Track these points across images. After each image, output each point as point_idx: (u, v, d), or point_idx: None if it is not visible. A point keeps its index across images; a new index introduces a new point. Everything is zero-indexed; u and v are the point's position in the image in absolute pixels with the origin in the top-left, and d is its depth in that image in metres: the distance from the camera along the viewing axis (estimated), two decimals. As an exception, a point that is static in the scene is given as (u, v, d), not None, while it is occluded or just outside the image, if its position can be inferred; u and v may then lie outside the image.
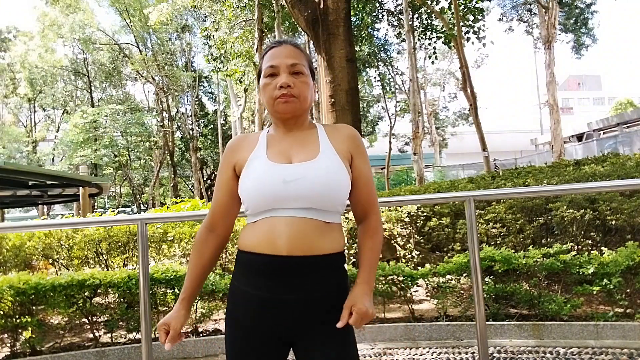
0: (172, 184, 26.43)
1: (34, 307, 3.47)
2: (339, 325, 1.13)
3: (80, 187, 10.66)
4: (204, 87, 30.30)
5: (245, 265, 1.22)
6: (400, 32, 17.10)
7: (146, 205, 29.30)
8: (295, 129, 1.30)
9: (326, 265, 1.19)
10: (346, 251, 3.78)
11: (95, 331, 3.59)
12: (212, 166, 29.43)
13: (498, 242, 4.29)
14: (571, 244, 3.95)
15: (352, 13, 11.31)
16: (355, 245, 4.30)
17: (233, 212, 1.32)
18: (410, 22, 14.48)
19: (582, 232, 4.06)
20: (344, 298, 1.19)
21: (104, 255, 4.53)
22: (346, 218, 4.31)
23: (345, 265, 1.28)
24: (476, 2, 11.62)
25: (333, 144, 1.26)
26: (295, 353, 1.24)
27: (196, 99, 28.49)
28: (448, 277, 3.68)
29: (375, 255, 1.27)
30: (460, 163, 28.08)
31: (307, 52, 1.36)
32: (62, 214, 22.79)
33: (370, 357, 3.19)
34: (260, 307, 1.18)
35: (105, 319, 3.60)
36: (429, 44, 13.78)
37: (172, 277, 3.53)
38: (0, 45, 30.04)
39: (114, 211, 9.59)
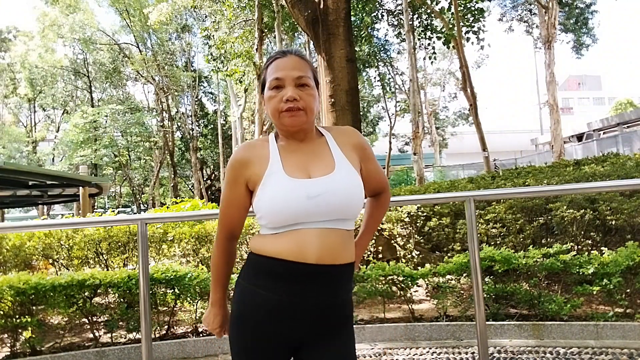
0: (172, 184, 26.42)
1: (34, 307, 3.48)
2: None
3: (80, 187, 10.65)
4: (204, 87, 30.29)
5: (263, 269, 1.22)
6: (400, 32, 17.10)
7: (146, 205, 29.32)
8: (306, 140, 1.30)
9: (346, 274, 1.25)
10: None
11: (95, 331, 3.59)
12: (212, 166, 29.44)
13: (498, 242, 4.29)
14: (571, 244, 3.94)
15: (352, 13, 11.30)
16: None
17: (245, 219, 1.37)
18: (410, 22, 14.47)
19: (582, 232, 4.06)
20: (351, 304, 1.32)
21: (104, 255, 4.53)
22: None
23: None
24: (476, 2, 11.63)
25: (344, 153, 1.28)
26: (297, 355, 1.25)
27: (196, 99, 28.48)
28: (448, 277, 3.68)
29: (378, 225, 1.53)
30: (460, 163, 28.10)
31: (311, 61, 1.36)
32: (62, 214, 22.80)
33: (370, 357, 3.19)
34: (277, 310, 1.19)
35: (105, 319, 3.61)
36: (429, 44, 13.78)
37: (172, 277, 3.53)
38: (0, 45, 30.03)
39: (114, 211, 9.61)
